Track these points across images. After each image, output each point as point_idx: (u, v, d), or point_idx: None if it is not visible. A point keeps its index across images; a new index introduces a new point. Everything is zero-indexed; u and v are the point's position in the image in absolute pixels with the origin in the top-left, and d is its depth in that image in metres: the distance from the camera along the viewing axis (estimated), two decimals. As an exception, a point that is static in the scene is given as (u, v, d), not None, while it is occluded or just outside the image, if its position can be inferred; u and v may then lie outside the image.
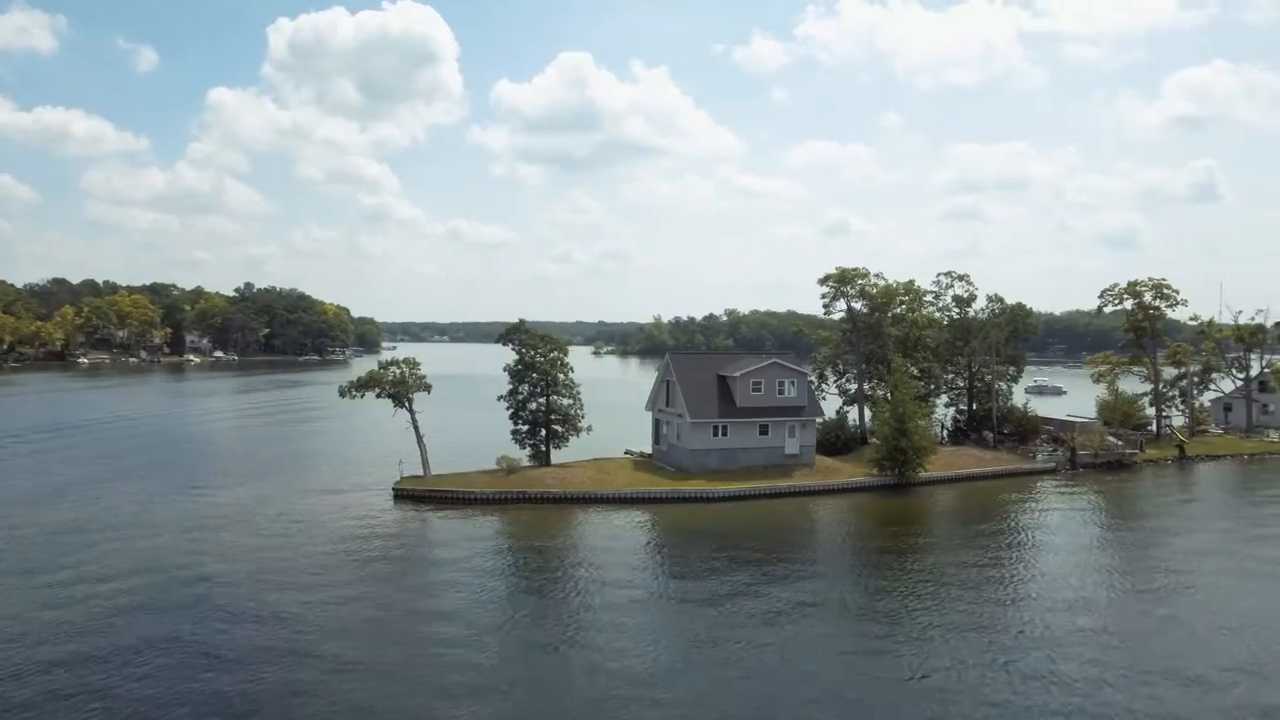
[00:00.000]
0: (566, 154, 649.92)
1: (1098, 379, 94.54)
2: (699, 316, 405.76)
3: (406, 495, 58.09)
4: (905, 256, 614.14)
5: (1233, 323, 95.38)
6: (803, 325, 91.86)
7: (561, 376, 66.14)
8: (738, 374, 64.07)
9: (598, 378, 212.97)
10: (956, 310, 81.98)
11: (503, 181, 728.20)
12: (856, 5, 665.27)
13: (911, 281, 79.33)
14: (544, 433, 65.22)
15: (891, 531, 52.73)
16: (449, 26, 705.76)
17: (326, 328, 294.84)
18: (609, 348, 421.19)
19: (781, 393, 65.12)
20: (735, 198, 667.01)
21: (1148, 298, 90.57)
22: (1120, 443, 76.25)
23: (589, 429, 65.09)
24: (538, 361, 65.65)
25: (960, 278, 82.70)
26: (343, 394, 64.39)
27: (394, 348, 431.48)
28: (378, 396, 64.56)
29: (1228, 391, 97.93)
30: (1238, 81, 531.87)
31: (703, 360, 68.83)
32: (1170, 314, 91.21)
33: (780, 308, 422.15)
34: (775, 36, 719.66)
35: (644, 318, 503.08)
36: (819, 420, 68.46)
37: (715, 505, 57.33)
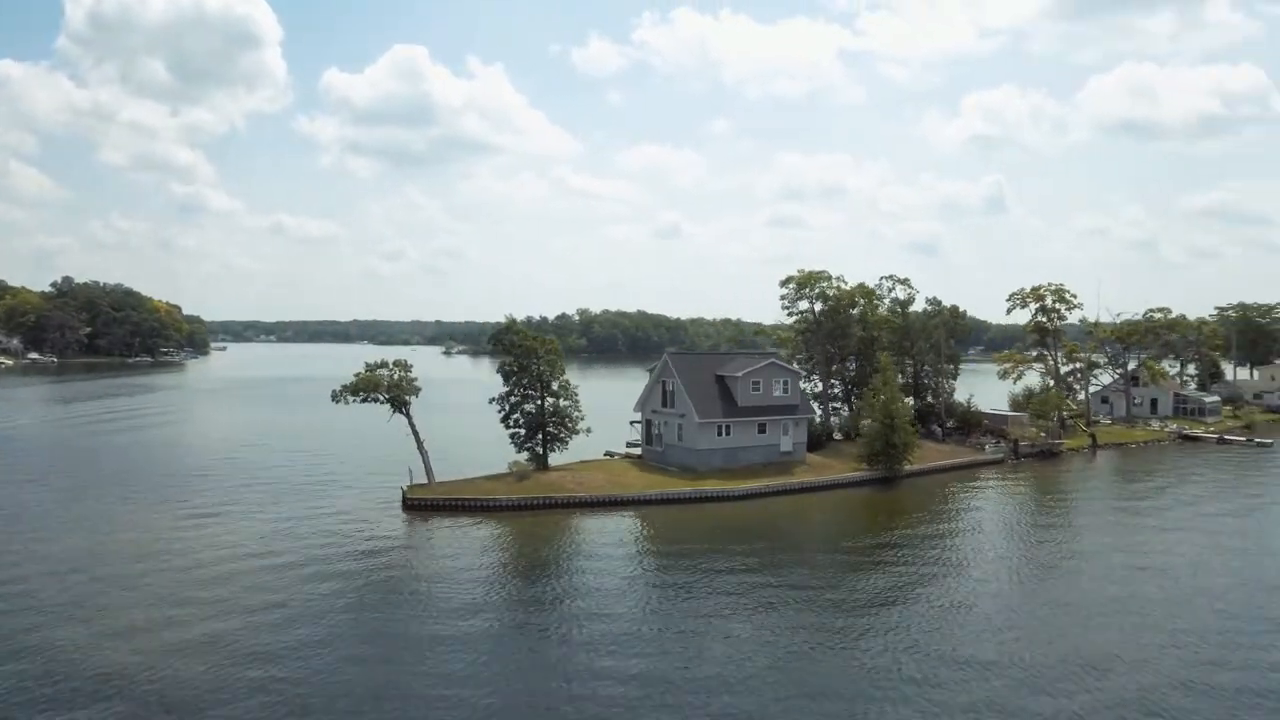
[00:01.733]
0: (400, 148, 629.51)
1: (1003, 375, 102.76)
2: (550, 316, 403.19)
3: (418, 505, 54.90)
4: (732, 260, 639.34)
5: (1111, 323, 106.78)
6: (765, 328, 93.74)
7: (558, 378, 64.67)
8: (740, 374, 65.02)
9: (473, 378, 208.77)
10: (899, 311, 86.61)
11: (331, 174, 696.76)
12: (690, 14, 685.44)
13: (863, 284, 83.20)
14: (541, 435, 63.57)
15: (913, 522, 55.13)
16: (271, 9, 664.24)
17: (159, 327, 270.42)
18: (460, 348, 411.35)
19: (777, 392, 66.71)
20: (570, 198, 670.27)
21: (1049, 301, 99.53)
22: (1045, 435, 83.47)
23: (588, 430, 63.99)
24: (533, 364, 63.83)
25: (901, 281, 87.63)
26: (335, 399, 60.32)
27: (224, 348, 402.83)
28: (363, 401, 60.90)
29: (1105, 385, 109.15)
30: (1024, 105, 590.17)
31: (700, 361, 69.26)
32: (1069, 316, 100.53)
33: (620, 307, 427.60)
34: (612, 40, 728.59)
35: (484, 317, 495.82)
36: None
37: (736, 504, 57.97)
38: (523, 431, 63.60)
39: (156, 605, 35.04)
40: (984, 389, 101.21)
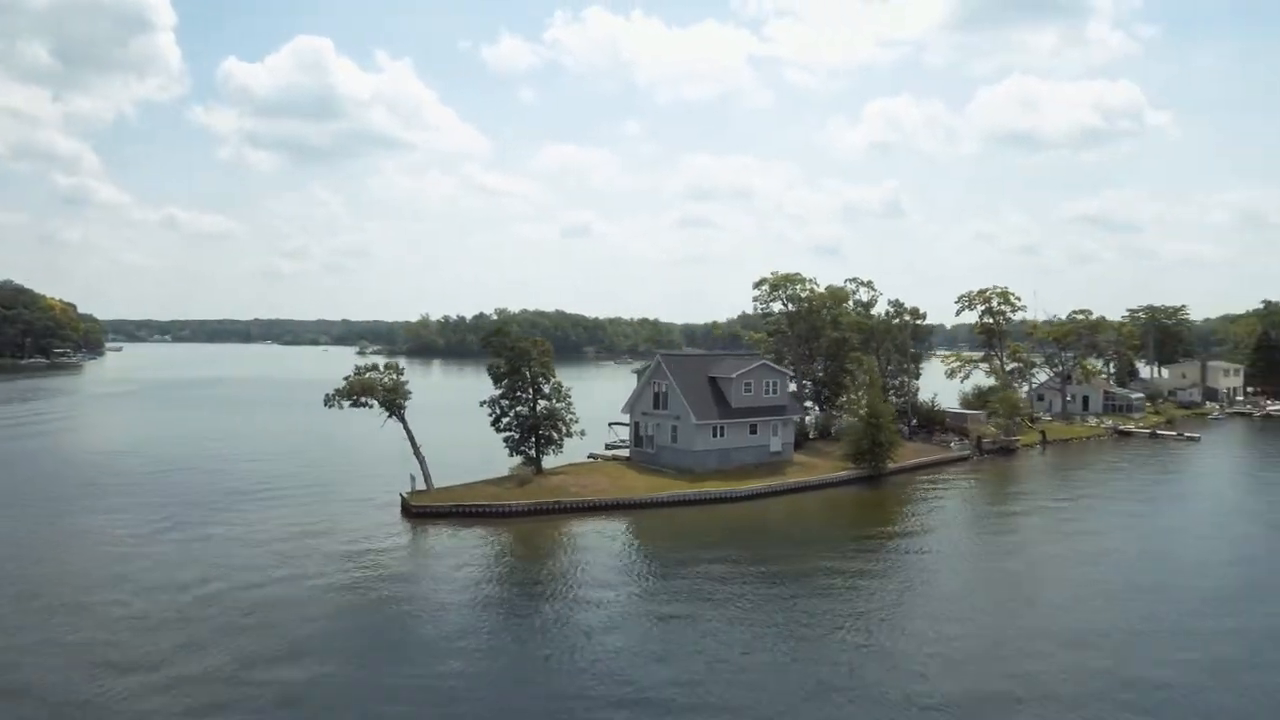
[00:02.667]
0: (302, 142, 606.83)
1: (951, 374, 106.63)
2: (468, 316, 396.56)
3: (423, 513, 53.32)
4: (643, 260, 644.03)
5: (1048, 324, 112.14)
6: (737, 328, 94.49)
7: (549, 380, 63.87)
8: (733, 375, 65.57)
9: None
10: (862, 312, 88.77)
11: (228, 167, 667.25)
12: (602, 14, 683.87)
13: (832, 286, 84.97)
14: (534, 438, 62.66)
15: (920, 517, 56.82)
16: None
17: (55, 326, 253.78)
18: (374, 348, 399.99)
19: (767, 393, 67.55)
20: (480, 196, 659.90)
21: (995, 304, 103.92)
22: (1003, 432, 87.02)
23: (582, 433, 63.37)
24: (525, 366, 62.82)
25: (865, 283, 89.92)
26: (328, 403, 58.10)
27: (120, 349, 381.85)
28: (354, 405, 58.86)
29: (1040, 383, 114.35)
30: (920, 114, 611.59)
31: (692, 362, 69.30)
32: (1014, 317, 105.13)
33: (533, 306, 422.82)
34: (524, 38, 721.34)
35: (393, 316, 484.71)
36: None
37: (741, 505, 58.43)
38: (516, 435, 62.72)
39: (206, 650, 32.21)
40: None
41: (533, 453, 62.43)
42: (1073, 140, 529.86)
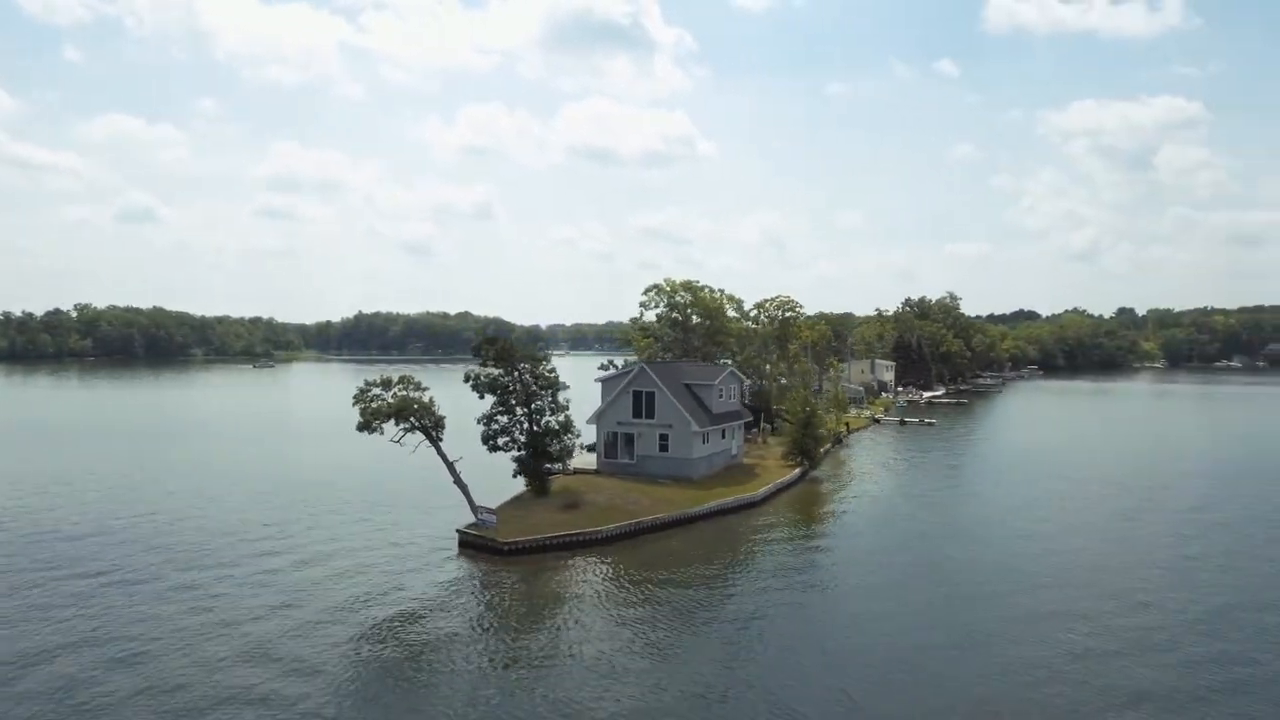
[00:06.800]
0: None
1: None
2: (38, 313, 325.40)
3: (518, 549, 46.93)
4: (217, 251, 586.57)
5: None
6: (626, 331, 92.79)
7: (548, 393, 59.17)
8: (714, 382, 66.47)
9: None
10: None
11: None
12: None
13: (715, 294, 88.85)
14: (543, 455, 57.73)
15: (920, 492, 63.46)
16: None
17: None
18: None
19: (732, 399, 69.50)
20: (9, 169, 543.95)
21: (783, 313, 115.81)
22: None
23: (585, 448, 59.72)
24: (529, 379, 57.63)
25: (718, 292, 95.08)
26: (361, 428, 47.67)
27: None
28: (368, 430, 49.13)
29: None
30: (512, 123, 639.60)
31: (671, 370, 67.85)
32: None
33: (100, 302, 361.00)
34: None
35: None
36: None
37: (761, 508, 60.01)
38: (526, 454, 57.17)
39: None
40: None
41: (541, 472, 57.45)
42: (641, 160, 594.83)
